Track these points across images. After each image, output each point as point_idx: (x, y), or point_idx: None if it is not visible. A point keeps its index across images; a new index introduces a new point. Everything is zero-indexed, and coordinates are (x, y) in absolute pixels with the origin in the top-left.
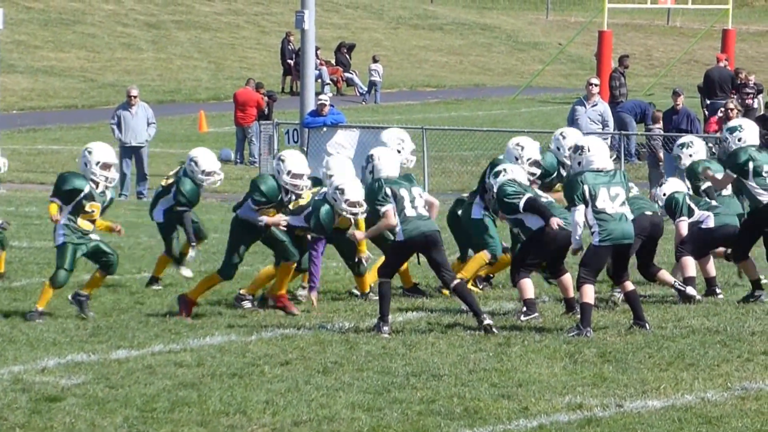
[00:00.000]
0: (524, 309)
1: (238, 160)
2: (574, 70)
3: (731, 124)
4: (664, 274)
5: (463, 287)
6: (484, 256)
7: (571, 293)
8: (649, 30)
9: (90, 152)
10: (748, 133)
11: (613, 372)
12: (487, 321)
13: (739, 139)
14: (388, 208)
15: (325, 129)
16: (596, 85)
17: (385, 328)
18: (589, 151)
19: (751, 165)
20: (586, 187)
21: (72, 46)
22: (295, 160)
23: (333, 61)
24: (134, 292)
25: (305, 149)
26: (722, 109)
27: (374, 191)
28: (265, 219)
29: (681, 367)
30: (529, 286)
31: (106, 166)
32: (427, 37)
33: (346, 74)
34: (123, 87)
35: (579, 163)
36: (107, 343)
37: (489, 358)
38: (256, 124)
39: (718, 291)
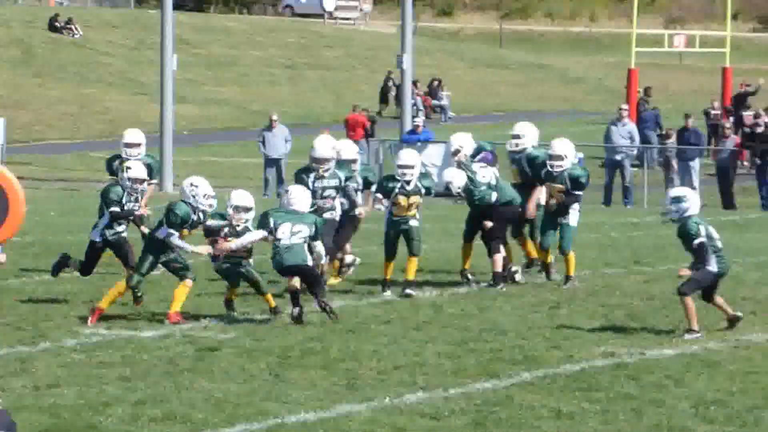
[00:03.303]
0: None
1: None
2: (610, 99)
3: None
4: None
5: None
6: None
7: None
8: (665, 67)
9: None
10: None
11: (637, 327)
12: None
13: None
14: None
15: (419, 144)
16: (625, 110)
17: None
18: (291, 194)
19: None
20: (271, 220)
21: (229, 82)
22: (204, 184)
23: (425, 92)
24: None
25: None
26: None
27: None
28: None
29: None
30: None
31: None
32: (498, 74)
33: (434, 102)
34: (265, 113)
35: (287, 202)
36: (254, 306)
37: (543, 317)
38: (363, 141)
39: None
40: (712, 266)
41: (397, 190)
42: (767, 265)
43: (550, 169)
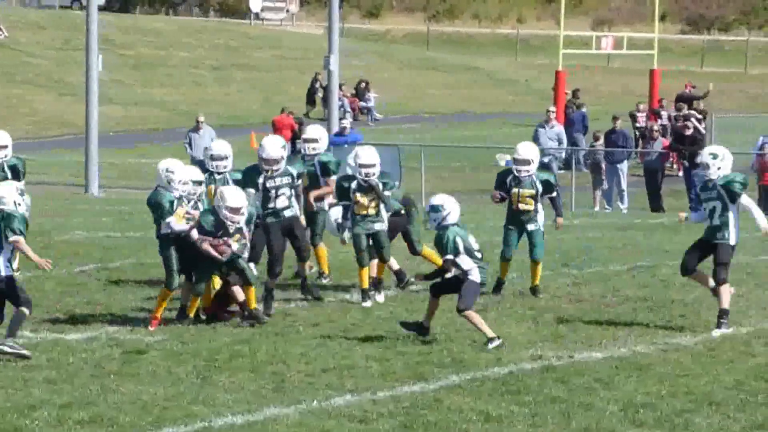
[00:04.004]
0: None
1: None
2: (538, 101)
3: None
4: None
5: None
6: None
7: None
8: (593, 70)
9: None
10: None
11: (566, 331)
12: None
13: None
14: None
15: (347, 146)
16: (553, 112)
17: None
18: None
19: None
20: None
21: (156, 83)
22: (180, 169)
23: (352, 94)
24: None
25: None
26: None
27: None
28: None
29: (618, 327)
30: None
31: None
32: (426, 76)
33: (362, 104)
34: (193, 114)
35: None
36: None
37: None
38: (289, 143)
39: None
40: (475, 276)
41: (354, 188)
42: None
43: (516, 174)
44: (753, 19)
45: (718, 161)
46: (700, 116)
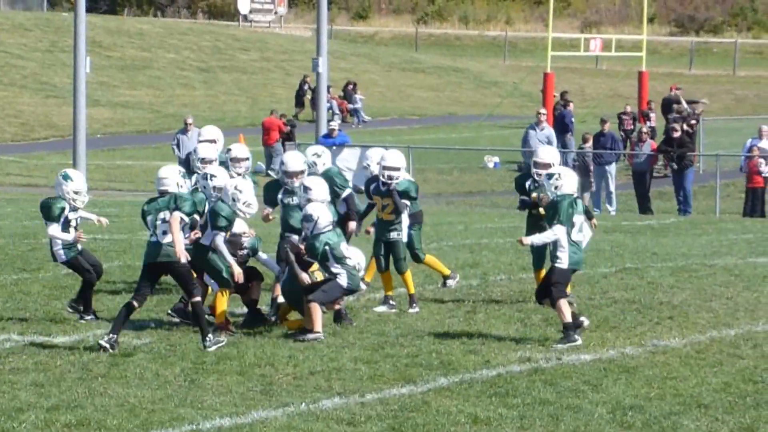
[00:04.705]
0: None
1: (268, 172)
2: (525, 103)
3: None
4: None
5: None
6: None
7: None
8: (582, 72)
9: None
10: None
11: (554, 333)
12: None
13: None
14: None
15: (335, 147)
16: (543, 114)
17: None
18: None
19: None
20: None
21: (142, 85)
22: (248, 190)
23: (340, 96)
24: None
25: None
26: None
27: None
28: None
29: (606, 329)
30: None
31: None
32: (413, 78)
33: (350, 105)
34: (181, 116)
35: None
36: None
37: (460, 322)
38: (279, 144)
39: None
40: (342, 281)
41: (371, 189)
42: (683, 269)
43: (536, 179)
44: (741, 21)
45: (554, 181)
46: (693, 120)
